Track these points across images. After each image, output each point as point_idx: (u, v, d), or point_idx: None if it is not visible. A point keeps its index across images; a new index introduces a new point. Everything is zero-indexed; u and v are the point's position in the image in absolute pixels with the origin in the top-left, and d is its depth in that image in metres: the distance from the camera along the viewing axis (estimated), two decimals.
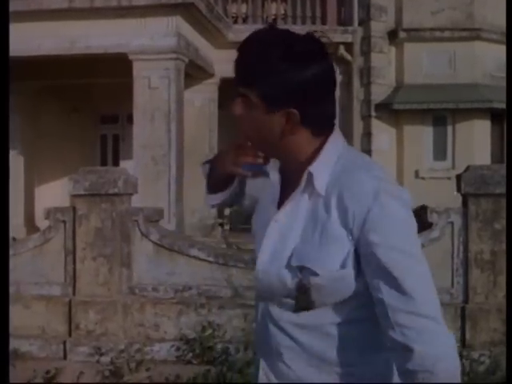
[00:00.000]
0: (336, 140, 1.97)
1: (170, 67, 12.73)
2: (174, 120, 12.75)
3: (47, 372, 6.20)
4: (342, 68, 15.64)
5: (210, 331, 7.19)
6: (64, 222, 7.59)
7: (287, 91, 1.87)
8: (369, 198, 1.84)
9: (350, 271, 1.88)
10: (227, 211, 14.90)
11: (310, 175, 1.93)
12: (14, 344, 6.84)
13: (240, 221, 13.75)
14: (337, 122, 2.02)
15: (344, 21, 16.09)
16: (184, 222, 13.28)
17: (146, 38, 12.51)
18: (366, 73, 15.90)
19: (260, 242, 2.01)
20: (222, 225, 15.51)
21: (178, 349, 7.25)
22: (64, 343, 7.44)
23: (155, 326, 7.44)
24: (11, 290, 6.89)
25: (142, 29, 12.53)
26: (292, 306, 1.95)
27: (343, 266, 1.87)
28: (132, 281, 7.54)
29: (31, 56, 13.11)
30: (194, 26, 13.54)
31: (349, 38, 15.79)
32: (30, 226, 16.36)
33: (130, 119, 14.38)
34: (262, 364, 2.05)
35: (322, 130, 1.96)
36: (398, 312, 1.82)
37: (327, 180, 1.92)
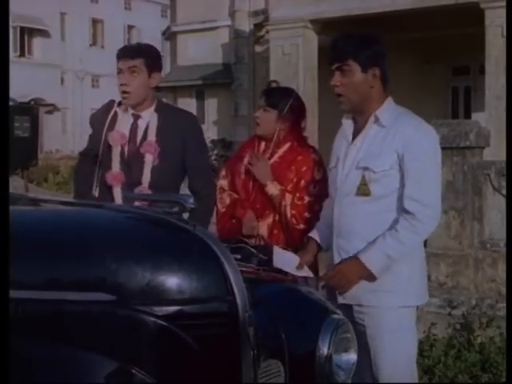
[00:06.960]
0: (391, 99, 3.33)
1: None
2: None
3: None
4: None
5: None
6: None
7: (373, 58, 3.26)
8: (412, 131, 3.19)
9: (395, 171, 3.18)
10: None
11: (376, 116, 3.24)
12: None
13: None
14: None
15: None
16: None
17: None
18: None
19: (343, 159, 3.32)
20: None
21: None
22: None
23: None
24: None
25: None
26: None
27: (391, 168, 3.17)
28: (483, 235, 7.43)
29: (386, 11, 13.43)
30: None
31: None
32: None
33: (482, 70, 14.02)
34: None
35: (386, 90, 3.31)
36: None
37: (388, 118, 3.22)
